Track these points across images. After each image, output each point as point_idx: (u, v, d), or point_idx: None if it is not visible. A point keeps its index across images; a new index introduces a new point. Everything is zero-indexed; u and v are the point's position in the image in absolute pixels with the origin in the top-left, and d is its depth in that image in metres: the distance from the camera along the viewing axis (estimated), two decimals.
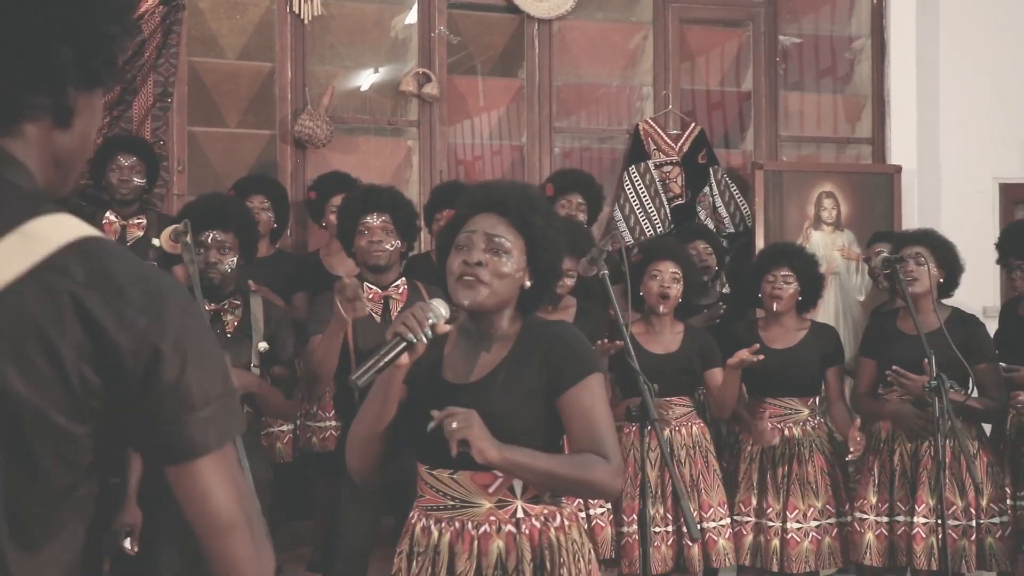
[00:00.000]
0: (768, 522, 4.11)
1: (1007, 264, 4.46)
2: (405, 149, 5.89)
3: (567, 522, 2.26)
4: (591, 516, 3.87)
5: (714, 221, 5.93)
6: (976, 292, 4.93)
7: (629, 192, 5.93)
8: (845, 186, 5.96)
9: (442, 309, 2.10)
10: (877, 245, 4.94)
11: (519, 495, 2.21)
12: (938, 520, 3.80)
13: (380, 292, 3.65)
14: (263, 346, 3.53)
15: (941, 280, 4.10)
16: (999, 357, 4.17)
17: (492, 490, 2.20)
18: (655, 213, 5.90)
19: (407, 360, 2.08)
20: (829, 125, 6.47)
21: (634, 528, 3.89)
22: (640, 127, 6.05)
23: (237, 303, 3.59)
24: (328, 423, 4.65)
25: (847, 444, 4.00)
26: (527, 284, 2.27)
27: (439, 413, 2.10)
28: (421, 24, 5.82)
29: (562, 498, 2.32)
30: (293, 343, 3.66)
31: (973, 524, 3.98)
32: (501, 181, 2.85)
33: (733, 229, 5.97)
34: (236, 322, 3.56)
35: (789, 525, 4.08)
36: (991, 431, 4.33)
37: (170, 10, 5.12)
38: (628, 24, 6.23)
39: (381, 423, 2.20)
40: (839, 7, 6.45)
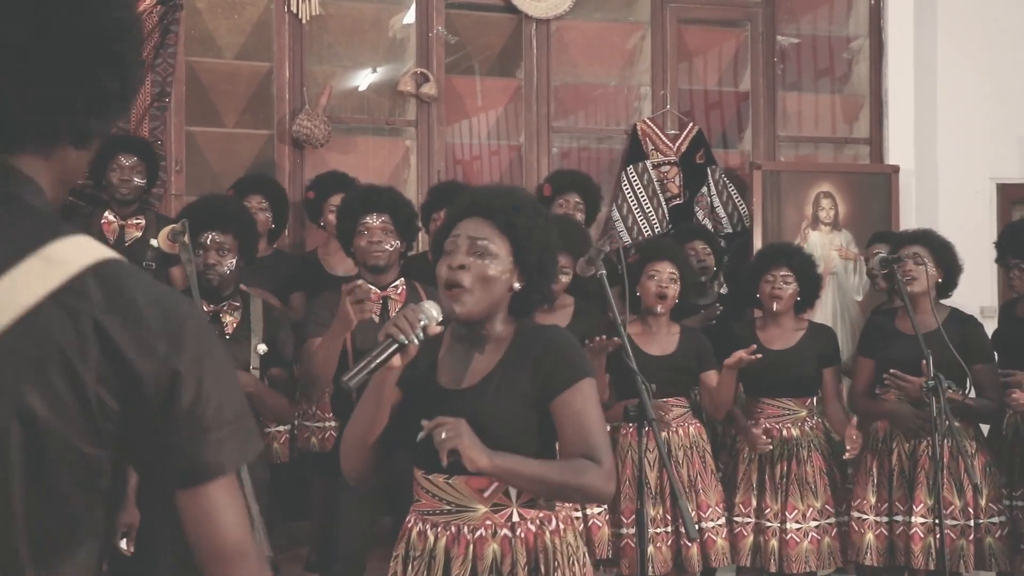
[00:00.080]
0: (766, 522, 4.12)
1: (1005, 263, 4.46)
2: (403, 149, 5.89)
3: (562, 526, 2.27)
4: (587, 516, 3.87)
5: (712, 221, 5.93)
6: (974, 292, 4.93)
7: (627, 192, 5.93)
8: (843, 186, 5.96)
9: (434, 311, 2.10)
10: (876, 245, 4.94)
11: (514, 499, 2.22)
12: (936, 520, 3.80)
13: (379, 292, 3.64)
14: (262, 348, 3.52)
15: (940, 280, 4.11)
16: (999, 358, 4.18)
17: (487, 494, 2.20)
18: (653, 213, 5.90)
19: (399, 362, 2.08)
20: (827, 125, 6.47)
21: (633, 529, 3.89)
22: (638, 127, 6.05)
23: (236, 304, 3.59)
24: (327, 423, 4.64)
25: (844, 443, 4.01)
26: (516, 286, 2.26)
27: (428, 423, 2.10)
28: (419, 24, 5.81)
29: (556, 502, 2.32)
30: (292, 345, 3.66)
31: (971, 524, 3.98)
32: (490, 185, 2.86)
33: (731, 229, 5.97)
34: (235, 323, 3.56)
35: (788, 525, 4.08)
36: (988, 431, 4.34)
37: (168, 10, 5.10)
38: (626, 24, 6.23)
39: (375, 427, 2.21)
40: (837, 7, 6.45)
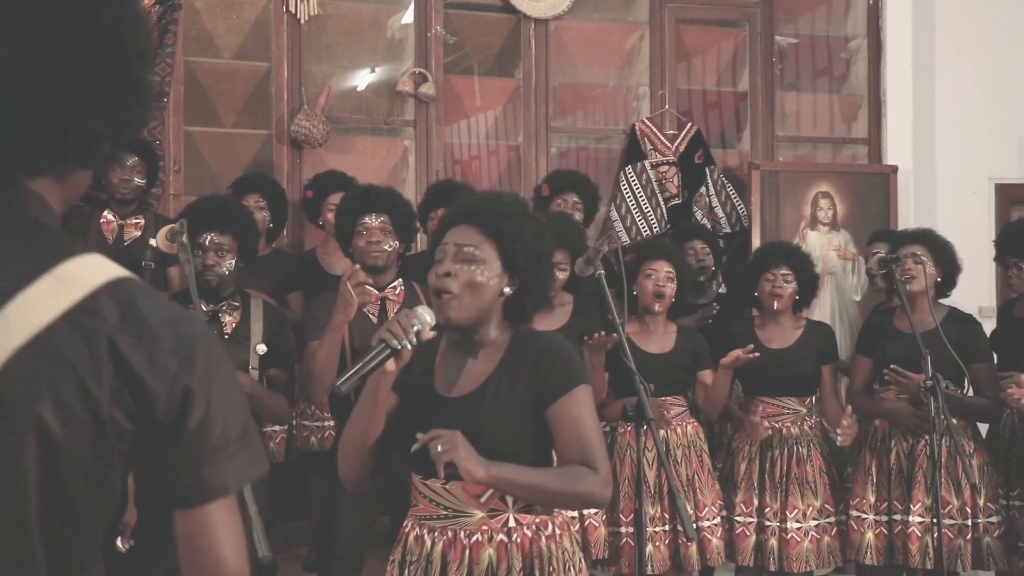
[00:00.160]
0: (767, 521, 4.12)
1: (1004, 261, 4.46)
2: (402, 149, 5.89)
3: (559, 531, 2.28)
4: (584, 516, 3.86)
5: (710, 221, 5.93)
6: (972, 293, 4.93)
7: (625, 192, 5.93)
8: (841, 186, 5.96)
9: (427, 316, 2.11)
10: (875, 244, 4.94)
11: (511, 505, 2.23)
12: (934, 519, 3.80)
13: (377, 293, 3.64)
14: (261, 348, 3.52)
15: (939, 280, 4.11)
16: (997, 358, 4.18)
17: (484, 500, 2.21)
18: (651, 213, 5.90)
19: (394, 367, 2.09)
20: (825, 125, 6.47)
21: (632, 528, 3.89)
22: (636, 127, 6.05)
23: (236, 304, 3.59)
24: (326, 423, 4.65)
25: (838, 438, 4.00)
26: (507, 291, 2.27)
27: (423, 436, 2.12)
28: (417, 24, 5.82)
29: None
30: (293, 347, 3.66)
31: (968, 523, 3.98)
32: (479, 192, 2.88)
33: (729, 229, 5.97)
34: (234, 323, 3.55)
35: (789, 525, 4.08)
36: (987, 432, 4.34)
37: (166, 9, 5.10)
38: (624, 24, 6.23)
39: (371, 432, 2.21)
40: (835, 7, 6.45)
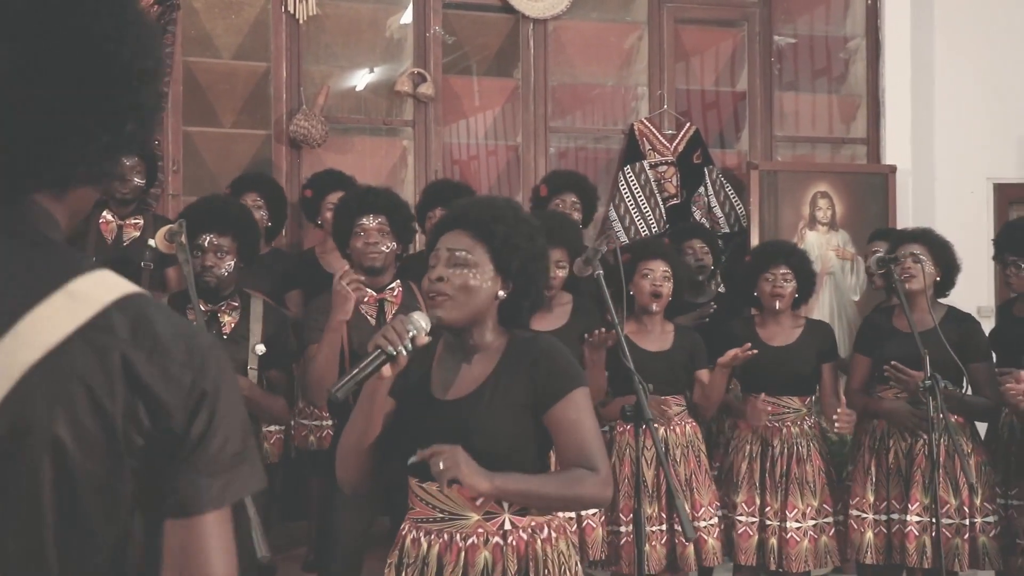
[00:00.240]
0: (767, 520, 4.12)
1: (1003, 260, 4.46)
2: (400, 149, 5.89)
3: (554, 534, 2.29)
4: (582, 517, 3.86)
5: (709, 221, 5.93)
6: (970, 292, 4.93)
7: (624, 192, 5.93)
8: (840, 186, 5.97)
9: (422, 322, 2.11)
10: (875, 243, 4.94)
11: (506, 507, 2.23)
12: (932, 519, 3.80)
13: (375, 295, 3.64)
14: (260, 348, 3.51)
15: (938, 279, 4.11)
16: (997, 358, 4.18)
17: (480, 502, 2.22)
18: (650, 213, 5.90)
19: (389, 372, 2.10)
20: (824, 125, 6.48)
21: (631, 528, 3.89)
22: (635, 127, 6.06)
23: (235, 304, 3.58)
24: (324, 422, 4.64)
25: (841, 439, 3.99)
26: (501, 294, 2.27)
27: (423, 452, 2.13)
28: (416, 24, 5.82)
29: None
30: (292, 348, 3.65)
31: (966, 523, 3.99)
32: (471, 197, 2.90)
33: (728, 229, 5.97)
34: (233, 323, 3.55)
35: (788, 525, 4.08)
36: (986, 431, 4.34)
37: (165, 10, 5.10)
38: (623, 24, 6.23)
39: (368, 436, 2.23)
40: (834, 7, 6.45)
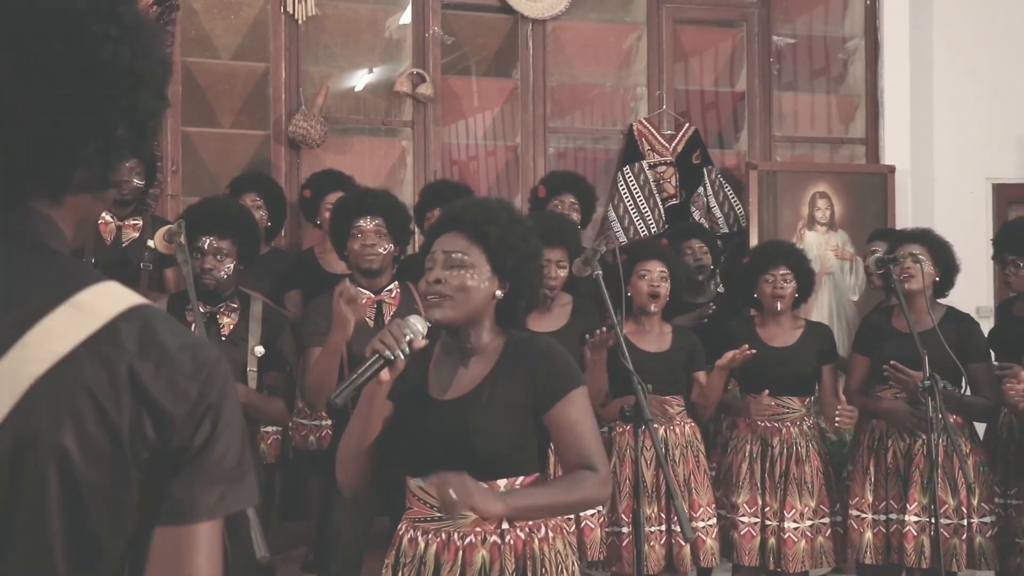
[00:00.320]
0: (766, 520, 4.12)
1: (1002, 259, 4.46)
2: (399, 149, 5.89)
3: (551, 534, 2.29)
4: (580, 518, 3.86)
5: (708, 221, 5.94)
6: (969, 293, 4.93)
7: (623, 192, 5.93)
8: (839, 186, 5.97)
9: (419, 325, 2.12)
10: (875, 243, 4.94)
11: None
12: (930, 519, 3.80)
13: (373, 296, 3.63)
14: (259, 350, 3.50)
15: (937, 279, 4.11)
16: (996, 357, 4.18)
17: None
18: (649, 213, 5.90)
19: (388, 376, 2.11)
20: (823, 125, 6.48)
21: (630, 528, 3.89)
22: (634, 127, 6.06)
23: (234, 306, 3.58)
24: (323, 422, 4.64)
25: (838, 428, 3.97)
26: (498, 294, 2.28)
27: (432, 479, 2.13)
28: (415, 24, 5.82)
29: None
30: (291, 350, 3.64)
31: (964, 523, 3.99)
32: (466, 199, 2.90)
33: (727, 229, 5.98)
34: (233, 324, 3.54)
35: (787, 525, 4.08)
36: (985, 431, 4.34)
37: (164, 10, 5.10)
38: (622, 24, 6.23)
39: (366, 439, 2.24)
40: (832, 7, 6.46)
